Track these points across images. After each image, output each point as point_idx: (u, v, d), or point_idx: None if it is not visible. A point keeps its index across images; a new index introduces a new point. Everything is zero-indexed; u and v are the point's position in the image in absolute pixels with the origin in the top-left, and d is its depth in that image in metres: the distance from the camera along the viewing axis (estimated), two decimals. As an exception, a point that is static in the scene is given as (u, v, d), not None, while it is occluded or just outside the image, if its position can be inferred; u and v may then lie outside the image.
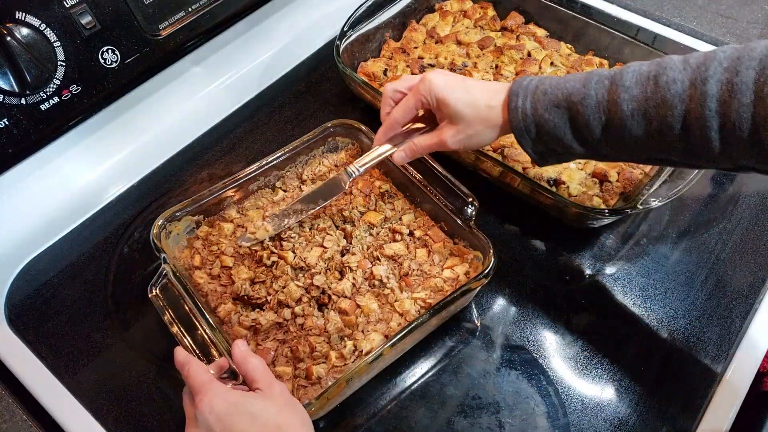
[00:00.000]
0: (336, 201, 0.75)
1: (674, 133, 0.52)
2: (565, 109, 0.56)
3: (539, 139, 0.59)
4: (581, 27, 0.93)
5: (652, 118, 0.52)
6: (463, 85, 0.62)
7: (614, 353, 0.67)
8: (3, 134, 0.67)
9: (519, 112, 0.58)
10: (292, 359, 0.62)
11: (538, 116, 0.58)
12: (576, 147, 0.58)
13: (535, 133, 0.59)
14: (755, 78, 0.47)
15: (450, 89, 0.61)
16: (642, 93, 0.52)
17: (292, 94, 0.96)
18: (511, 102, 0.59)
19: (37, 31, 0.66)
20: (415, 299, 0.66)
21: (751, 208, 0.79)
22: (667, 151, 0.54)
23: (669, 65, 0.52)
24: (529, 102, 0.58)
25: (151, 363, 0.67)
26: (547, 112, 0.57)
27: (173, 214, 0.70)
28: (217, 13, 0.83)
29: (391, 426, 0.62)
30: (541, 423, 0.62)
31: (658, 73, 0.52)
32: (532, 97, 0.58)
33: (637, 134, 0.54)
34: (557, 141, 0.58)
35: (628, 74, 0.54)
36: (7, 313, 0.71)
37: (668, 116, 0.51)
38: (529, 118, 0.58)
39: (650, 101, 0.52)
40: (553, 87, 0.57)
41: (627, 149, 0.56)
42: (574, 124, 0.56)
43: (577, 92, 0.56)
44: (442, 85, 0.62)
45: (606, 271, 0.74)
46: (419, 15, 1.01)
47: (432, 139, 0.65)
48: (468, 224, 0.68)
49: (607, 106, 0.54)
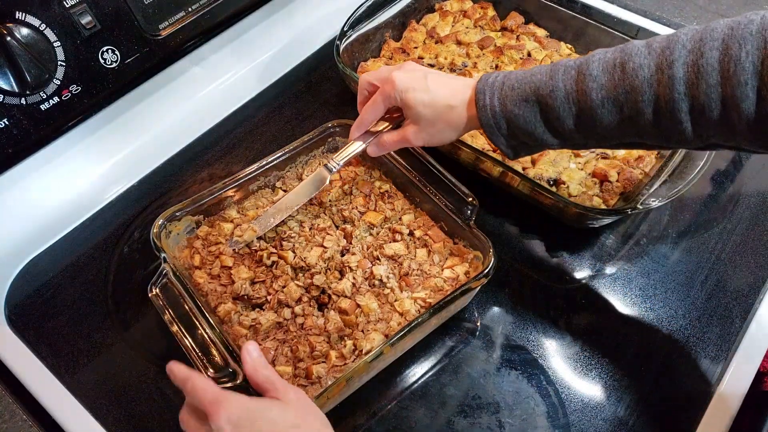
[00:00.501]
0: (337, 202, 0.75)
1: (645, 117, 0.52)
2: (535, 103, 0.56)
3: (511, 134, 0.59)
4: (581, 27, 0.93)
5: (623, 104, 0.52)
6: (424, 85, 0.62)
7: (614, 353, 0.67)
8: (3, 134, 0.67)
9: (488, 110, 0.59)
10: (292, 359, 0.62)
11: (508, 112, 0.58)
12: (549, 138, 0.58)
13: (506, 128, 0.59)
14: (719, 58, 0.47)
15: (412, 90, 0.62)
16: (610, 80, 0.52)
17: (292, 94, 0.96)
18: (479, 100, 0.59)
19: (37, 31, 0.66)
20: (415, 299, 0.66)
21: (751, 208, 0.79)
22: (639, 135, 0.55)
23: (633, 51, 0.52)
24: (497, 98, 0.58)
25: (151, 363, 0.67)
26: (516, 107, 0.57)
27: (173, 214, 0.70)
28: (217, 13, 0.83)
29: (391, 426, 0.62)
30: (541, 423, 0.62)
31: (623, 60, 0.52)
32: (500, 94, 0.58)
33: (609, 121, 0.54)
34: (529, 135, 0.58)
35: (594, 63, 0.54)
36: (7, 313, 0.71)
37: (638, 102, 0.51)
38: (498, 114, 0.58)
39: (619, 88, 0.52)
40: (520, 81, 0.57)
41: (599, 136, 0.57)
42: (545, 117, 0.57)
43: (544, 85, 0.56)
44: (404, 87, 0.63)
45: (606, 271, 0.74)
46: (419, 15, 1.01)
47: (397, 136, 0.67)
48: (468, 224, 0.68)
49: (576, 96, 0.54)
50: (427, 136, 0.65)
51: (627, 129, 0.54)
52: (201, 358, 0.58)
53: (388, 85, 0.64)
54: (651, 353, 0.67)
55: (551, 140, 0.59)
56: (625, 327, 0.69)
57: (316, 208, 0.75)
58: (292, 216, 0.73)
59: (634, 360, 0.66)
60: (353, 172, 0.78)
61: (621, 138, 0.56)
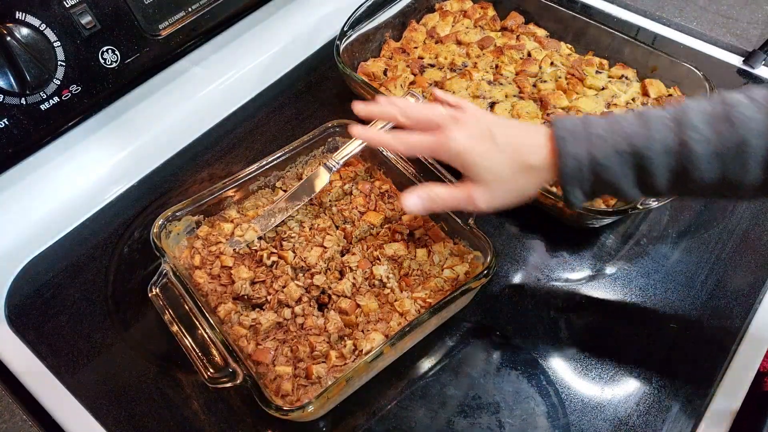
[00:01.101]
0: (337, 202, 0.75)
1: (751, 172, 0.49)
2: (628, 155, 0.51)
3: (593, 187, 0.53)
4: (581, 27, 0.93)
5: (727, 158, 0.48)
6: (491, 145, 0.55)
7: (614, 353, 0.67)
8: (3, 134, 0.67)
9: (572, 159, 0.52)
10: (292, 359, 0.62)
11: (596, 164, 0.52)
12: (634, 193, 0.53)
13: (591, 181, 0.53)
14: None
15: (476, 155, 0.55)
16: (715, 133, 0.48)
17: (292, 94, 0.96)
18: (561, 148, 0.53)
19: (37, 31, 0.66)
20: (415, 299, 0.66)
21: (751, 208, 0.79)
22: (736, 191, 0.51)
23: (735, 102, 0.49)
24: (584, 148, 0.52)
25: (151, 363, 0.67)
26: (606, 159, 0.51)
27: (173, 214, 0.70)
28: (217, 13, 0.83)
29: (391, 426, 0.62)
30: (541, 423, 0.62)
31: (727, 111, 0.48)
32: (588, 143, 0.52)
33: (709, 177, 0.50)
34: (613, 188, 0.53)
35: (692, 113, 0.50)
36: (7, 313, 0.71)
37: (745, 155, 0.48)
38: (585, 165, 0.52)
39: (726, 141, 0.48)
40: (607, 131, 0.52)
41: (690, 191, 0.52)
42: (638, 170, 0.51)
43: (638, 135, 0.50)
44: (464, 149, 0.55)
45: (606, 271, 0.74)
46: (419, 15, 1.01)
47: (460, 196, 0.57)
48: (468, 224, 0.68)
49: (677, 150, 0.49)
50: (499, 200, 0.57)
51: (727, 184, 0.50)
52: (201, 358, 0.58)
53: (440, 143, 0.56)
54: (651, 353, 0.67)
55: (635, 194, 0.53)
56: (625, 327, 0.69)
57: (316, 208, 0.75)
58: (292, 216, 0.73)
59: (634, 360, 0.66)
60: (353, 172, 0.78)
61: (713, 194, 0.52)
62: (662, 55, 0.86)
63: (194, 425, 0.62)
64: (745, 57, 0.98)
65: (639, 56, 0.89)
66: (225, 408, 0.63)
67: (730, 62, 0.98)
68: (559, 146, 0.53)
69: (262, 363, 0.61)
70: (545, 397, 0.64)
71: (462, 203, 0.58)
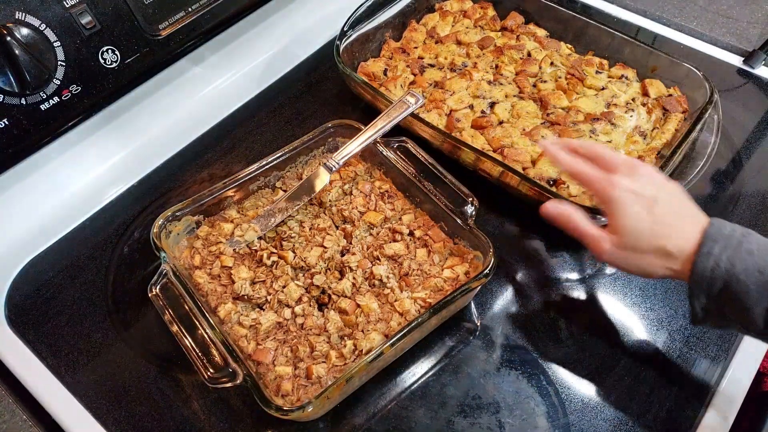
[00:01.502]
0: (337, 202, 0.75)
1: None
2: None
3: (717, 300, 0.51)
4: (581, 27, 0.93)
5: None
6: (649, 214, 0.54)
7: (614, 353, 0.67)
8: (3, 134, 0.67)
9: (710, 260, 0.51)
10: (292, 359, 0.62)
11: (731, 274, 0.50)
12: (759, 319, 0.50)
13: (718, 291, 0.51)
14: None
15: (628, 209, 0.55)
16: None
17: (292, 94, 0.96)
18: (705, 245, 0.51)
19: (37, 31, 0.66)
20: (415, 299, 0.66)
21: (751, 208, 0.79)
22: None
23: None
24: (727, 255, 0.50)
25: (151, 363, 0.67)
26: (744, 274, 0.49)
27: (173, 214, 0.70)
28: (217, 13, 0.83)
29: (391, 426, 0.62)
30: (541, 423, 0.62)
31: None
32: (733, 251, 0.50)
33: None
34: (738, 308, 0.51)
35: None
36: (7, 313, 0.71)
37: None
38: (720, 271, 0.50)
39: None
40: (761, 249, 0.50)
41: None
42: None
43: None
44: (621, 199, 0.55)
45: (606, 271, 0.74)
46: (419, 15, 1.01)
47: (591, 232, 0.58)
48: (468, 224, 0.68)
49: None
50: (622, 263, 0.57)
51: None
52: (201, 358, 0.58)
53: (609, 198, 0.56)
54: (651, 353, 0.67)
55: (760, 322, 0.50)
56: (625, 327, 0.69)
57: (316, 208, 0.75)
58: (292, 216, 0.73)
59: (634, 360, 0.66)
60: (353, 172, 0.78)
61: None
62: (662, 55, 0.86)
63: (194, 425, 0.62)
64: (745, 57, 0.98)
65: (639, 56, 0.89)
66: (225, 408, 0.63)
67: (730, 62, 0.98)
68: (704, 242, 0.52)
69: (262, 363, 0.61)
70: (545, 397, 0.64)
71: (589, 241, 0.58)
